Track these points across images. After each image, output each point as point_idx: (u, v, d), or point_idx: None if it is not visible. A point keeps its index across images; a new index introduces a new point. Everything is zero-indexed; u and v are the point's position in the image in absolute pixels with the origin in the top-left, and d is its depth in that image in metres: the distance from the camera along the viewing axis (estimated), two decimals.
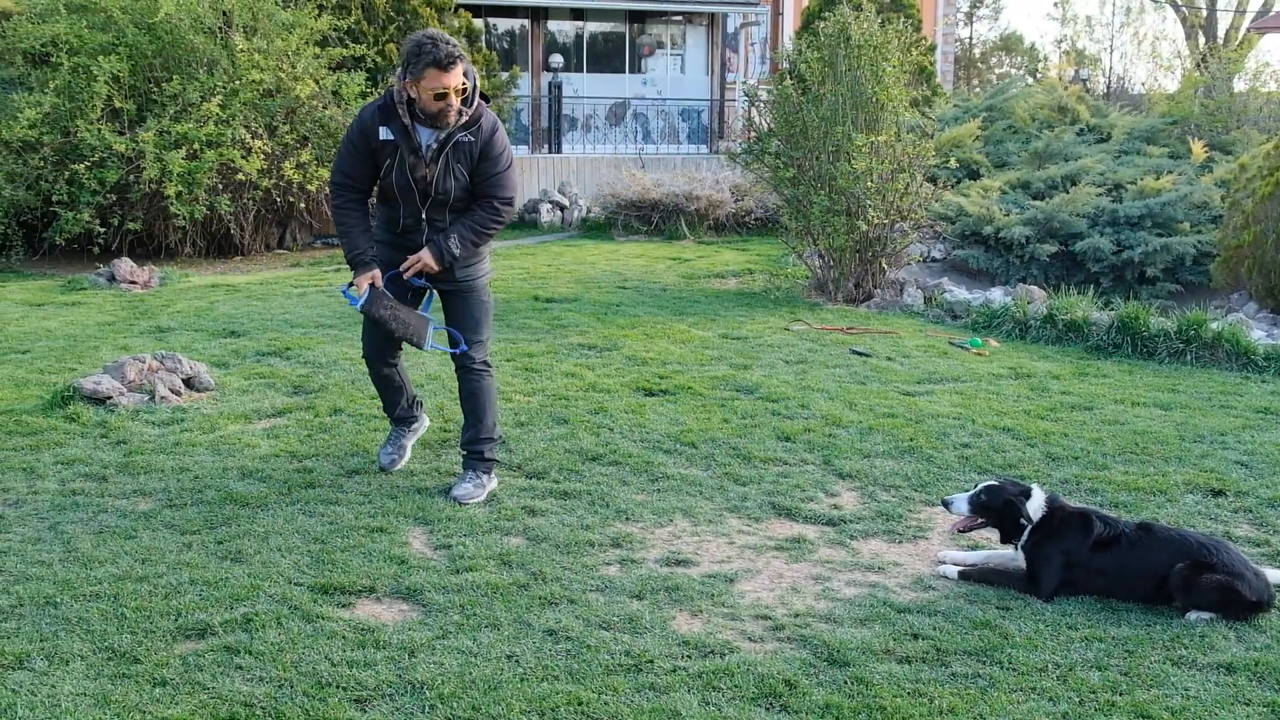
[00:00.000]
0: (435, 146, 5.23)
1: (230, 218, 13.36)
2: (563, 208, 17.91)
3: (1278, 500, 5.57)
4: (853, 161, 10.28)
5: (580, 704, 3.65)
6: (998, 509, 4.65)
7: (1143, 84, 29.93)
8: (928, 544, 5.07)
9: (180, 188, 12.54)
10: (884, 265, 10.89)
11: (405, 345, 5.71)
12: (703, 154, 20.79)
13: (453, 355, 5.67)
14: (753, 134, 11.75)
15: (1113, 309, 9.21)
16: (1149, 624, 4.29)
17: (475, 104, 5.26)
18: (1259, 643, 4.15)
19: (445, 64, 5.03)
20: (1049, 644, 4.11)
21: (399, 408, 5.98)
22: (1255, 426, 6.86)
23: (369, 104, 5.38)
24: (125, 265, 11.77)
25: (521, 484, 5.73)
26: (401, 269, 5.38)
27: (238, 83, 13.13)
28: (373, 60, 15.13)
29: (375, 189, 5.46)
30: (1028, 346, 9.12)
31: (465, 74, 5.14)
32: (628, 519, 5.28)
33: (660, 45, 23.07)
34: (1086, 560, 4.47)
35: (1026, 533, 4.61)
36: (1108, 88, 28.35)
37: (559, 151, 20.37)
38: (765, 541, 5.06)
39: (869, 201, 10.30)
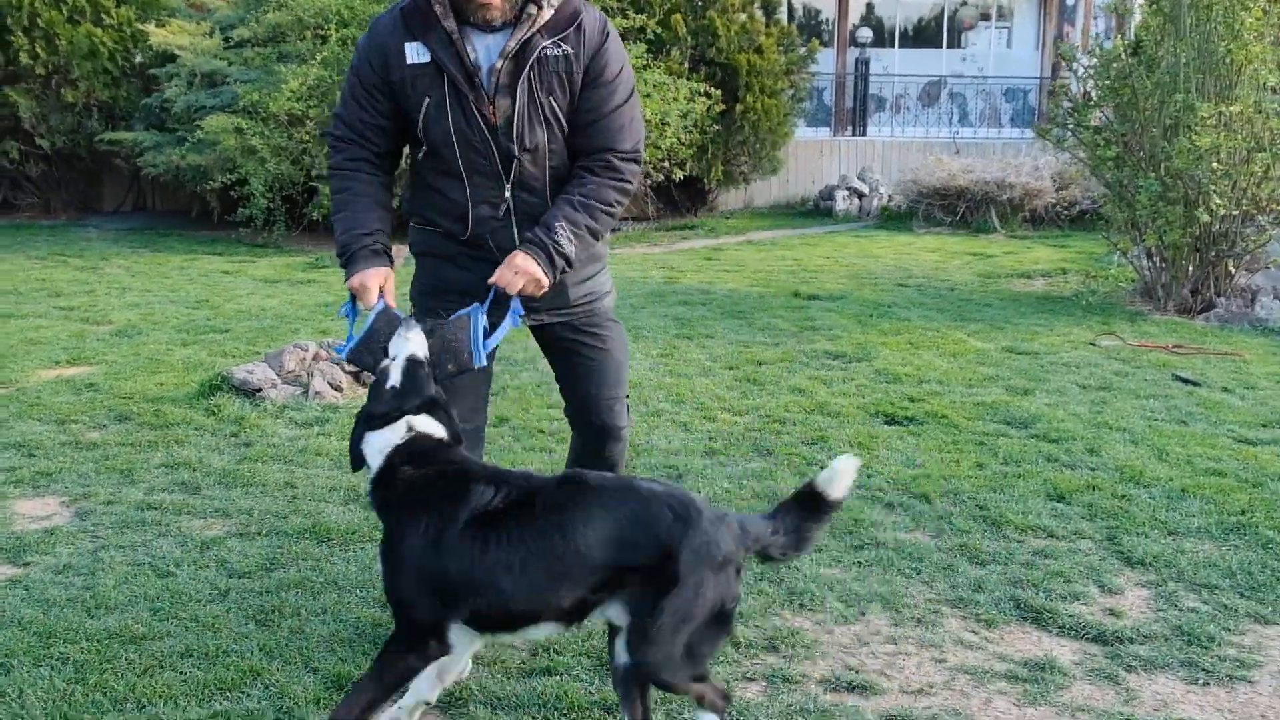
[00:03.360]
0: (502, 66, 3.18)
1: None
2: (861, 195, 16.24)
3: None
4: (1194, 137, 8.19)
5: None
6: None
7: None
8: (1251, 692, 3.30)
9: None
10: (1230, 268, 8.70)
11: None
12: (1027, 139, 18.48)
13: (581, 413, 3.59)
14: (1067, 103, 9.76)
15: None
16: None
17: None
18: None
19: None
20: None
21: None
22: None
23: (383, 13, 3.34)
24: None
25: None
26: (500, 285, 3.20)
27: None
28: (653, 31, 13.99)
29: (413, 155, 3.43)
30: None
31: None
32: (802, 606, 3.78)
33: (984, 18, 20.84)
34: None
35: None
36: None
37: (864, 134, 18.66)
38: (992, 662, 3.44)
39: (1213, 187, 8.18)
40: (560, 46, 3.20)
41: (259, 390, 6.11)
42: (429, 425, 2.93)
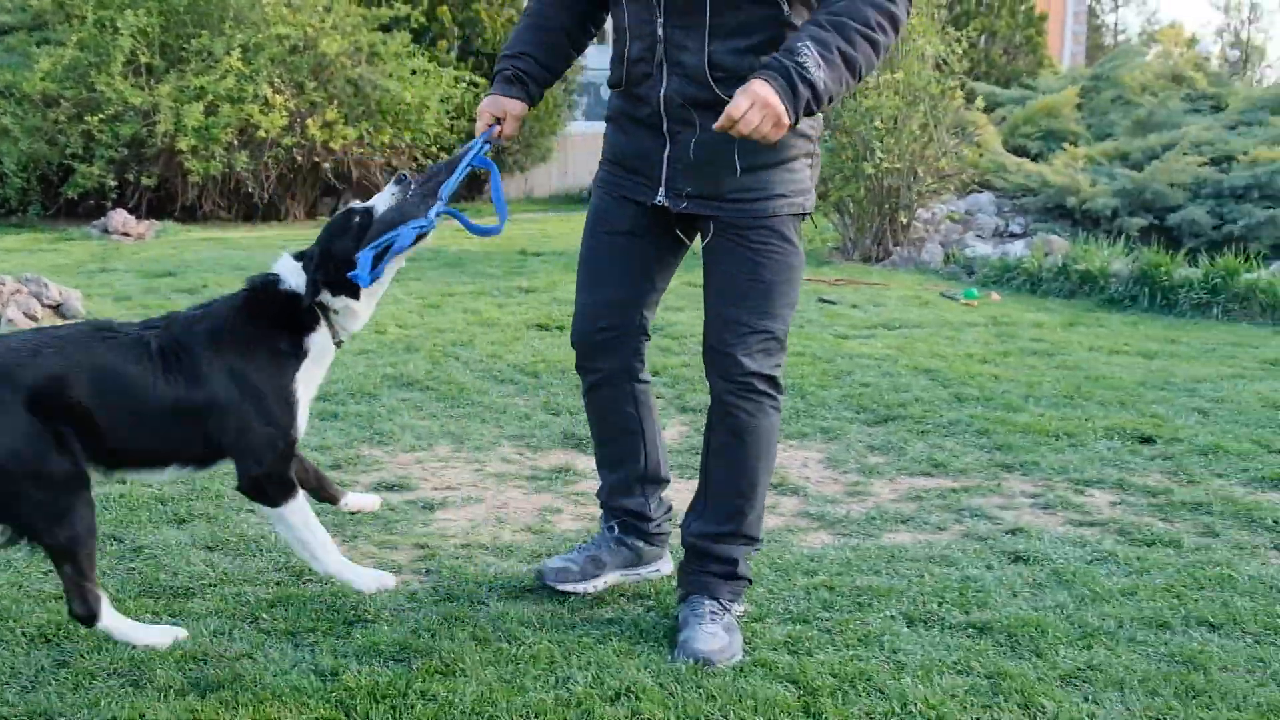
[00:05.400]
0: None
1: (248, 175, 12.90)
2: None
3: (1212, 449, 4.33)
4: (861, 99, 9.14)
5: None
6: None
7: None
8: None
9: (195, 142, 12.13)
10: (903, 220, 9.67)
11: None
12: None
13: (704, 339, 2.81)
14: None
15: (1137, 259, 7.86)
16: None
17: None
18: None
19: None
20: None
21: (630, 479, 3.04)
22: (1248, 376, 5.54)
23: None
24: (119, 217, 11.40)
25: None
26: (730, 123, 2.43)
27: (262, 36, 12.69)
28: (417, 21, 14.52)
29: None
30: (1034, 299, 7.86)
31: None
32: (379, 442, 4.37)
33: None
34: None
35: None
36: (1245, 62, 26.01)
37: None
38: (522, 471, 4.09)
39: (877, 143, 9.13)
40: None
41: None
42: (287, 269, 2.74)
